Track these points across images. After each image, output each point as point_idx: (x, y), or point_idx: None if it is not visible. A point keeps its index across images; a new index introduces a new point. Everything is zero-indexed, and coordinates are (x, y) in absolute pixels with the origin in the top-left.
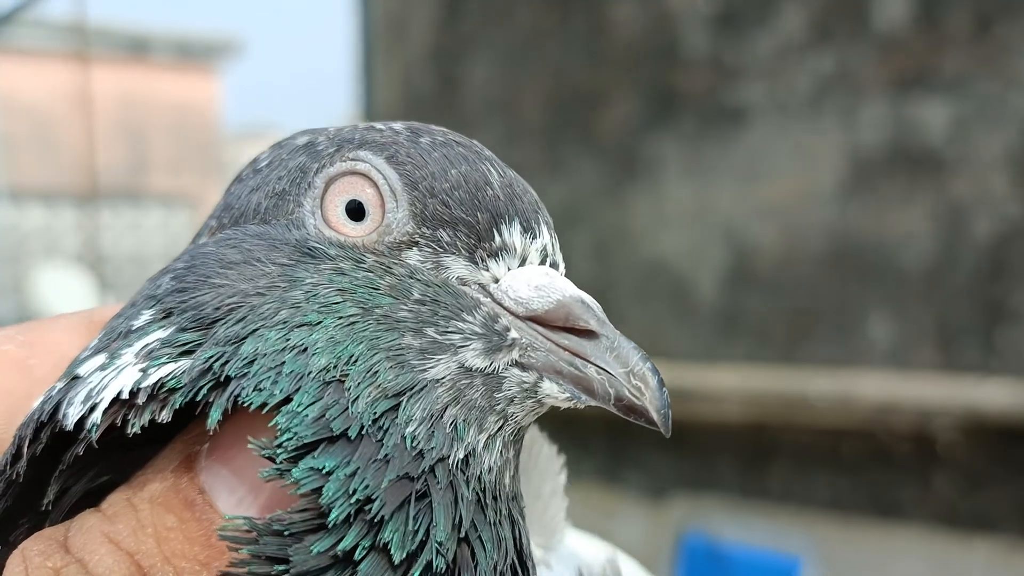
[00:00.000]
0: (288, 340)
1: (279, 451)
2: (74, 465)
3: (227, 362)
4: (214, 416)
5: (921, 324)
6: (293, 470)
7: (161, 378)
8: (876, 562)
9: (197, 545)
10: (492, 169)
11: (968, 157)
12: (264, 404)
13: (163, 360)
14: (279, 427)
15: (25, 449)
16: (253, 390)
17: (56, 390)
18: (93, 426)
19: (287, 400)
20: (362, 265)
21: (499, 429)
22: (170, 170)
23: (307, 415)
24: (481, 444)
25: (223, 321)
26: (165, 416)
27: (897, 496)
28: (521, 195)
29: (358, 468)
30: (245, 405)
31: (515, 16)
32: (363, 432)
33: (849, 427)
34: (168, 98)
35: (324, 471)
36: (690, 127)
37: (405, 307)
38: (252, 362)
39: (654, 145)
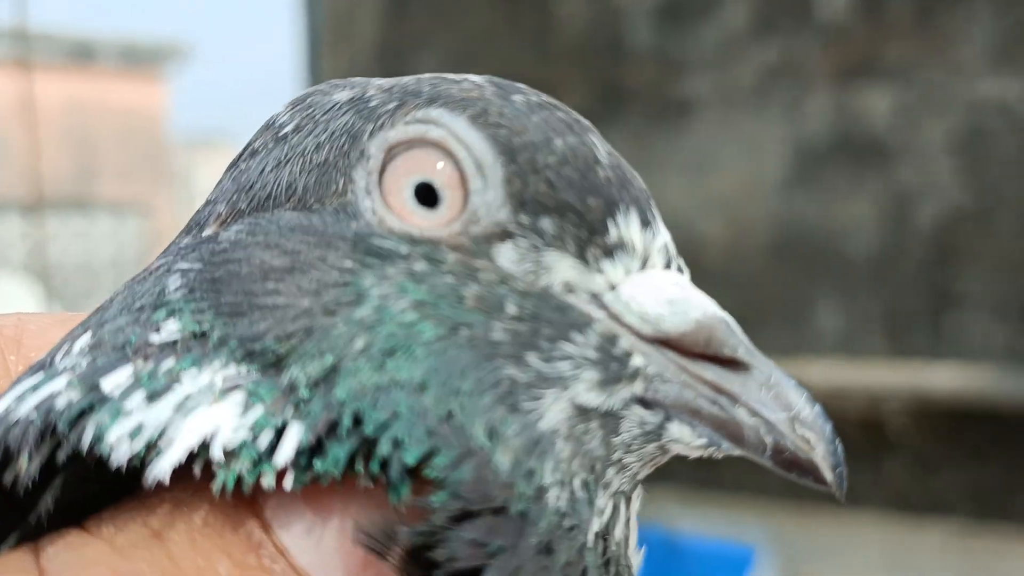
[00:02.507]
0: (384, 372)
1: (435, 516)
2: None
3: (341, 415)
4: (404, 492)
5: (868, 311)
6: (450, 538)
7: (298, 447)
8: (831, 550)
9: None
10: (598, 143)
11: (912, 145)
12: (417, 463)
13: (272, 421)
14: (436, 479)
15: (25, 461)
16: (393, 446)
17: (62, 398)
18: (155, 479)
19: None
20: (442, 267)
21: (621, 485)
22: (118, 178)
23: (463, 477)
24: (610, 508)
25: (294, 358)
26: (291, 485)
27: (850, 483)
28: (632, 179)
29: (523, 563)
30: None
31: (462, 12)
32: (526, 508)
33: None
34: (115, 104)
35: (488, 551)
36: (637, 120)
37: (500, 326)
38: (363, 410)
39: None
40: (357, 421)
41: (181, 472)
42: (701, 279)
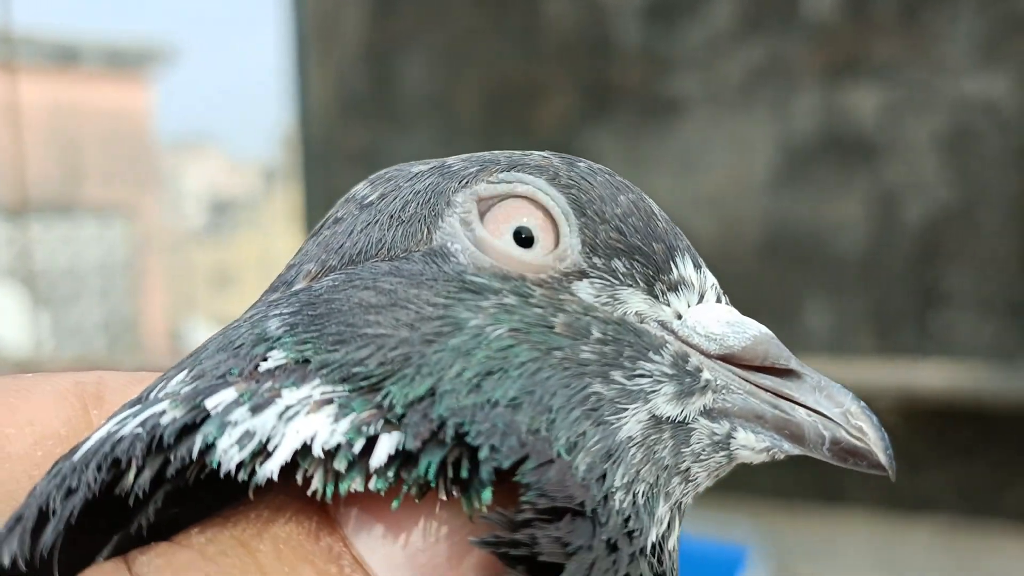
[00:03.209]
0: (481, 393)
1: (522, 511)
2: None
3: (444, 426)
4: (486, 496)
5: (857, 309)
6: (540, 538)
7: (390, 452)
8: (822, 548)
9: None
10: (652, 202)
11: (898, 143)
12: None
13: (365, 431)
14: (525, 483)
15: (133, 473)
16: (490, 451)
17: (166, 416)
18: (265, 478)
19: (522, 460)
20: (530, 300)
21: (682, 496)
22: (104, 181)
23: (549, 478)
24: (667, 519)
25: (392, 381)
26: (378, 484)
27: (840, 482)
28: (681, 232)
29: (596, 559)
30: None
31: (449, 12)
32: (596, 508)
33: None
34: (100, 107)
35: (569, 550)
36: (626, 120)
37: (587, 348)
38: (463, 423)
39: (591, 138)
40: (459, 433)
41: (264, 490)
42: None
